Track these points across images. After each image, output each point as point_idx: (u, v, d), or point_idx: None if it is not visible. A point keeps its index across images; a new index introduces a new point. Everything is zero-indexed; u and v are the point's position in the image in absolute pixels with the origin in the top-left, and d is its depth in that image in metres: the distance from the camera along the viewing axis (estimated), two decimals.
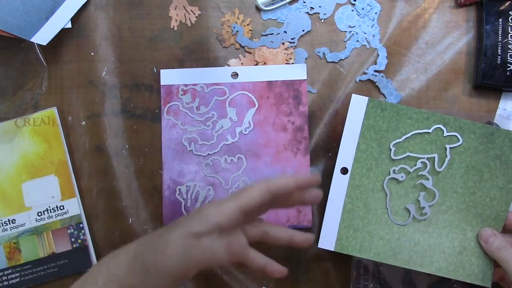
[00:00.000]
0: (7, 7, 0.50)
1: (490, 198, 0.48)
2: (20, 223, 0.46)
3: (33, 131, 0.47)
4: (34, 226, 0.47)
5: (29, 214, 0.47)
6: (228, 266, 0.48)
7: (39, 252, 0.47)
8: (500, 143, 0.48)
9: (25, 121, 0.46)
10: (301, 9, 0.54)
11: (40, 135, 0.48)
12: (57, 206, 0.47)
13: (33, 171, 0.48)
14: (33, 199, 0.47)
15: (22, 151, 0.47)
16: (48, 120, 0.47)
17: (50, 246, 0.47)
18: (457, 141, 0.48)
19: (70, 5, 0.52)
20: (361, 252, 0.49)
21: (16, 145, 0.47)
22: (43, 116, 0.47)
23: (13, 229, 0.46)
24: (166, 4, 0.54)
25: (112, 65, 0.53)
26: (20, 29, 0.50)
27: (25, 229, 0.46)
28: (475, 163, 0.48)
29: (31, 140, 0.48)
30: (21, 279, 0.46)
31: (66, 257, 0.47)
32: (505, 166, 0.48)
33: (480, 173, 0.48)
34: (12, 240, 0.46)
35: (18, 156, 0.47)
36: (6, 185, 0.47)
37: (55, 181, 0.47)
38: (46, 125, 0.47)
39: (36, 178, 0.47)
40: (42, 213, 0.47)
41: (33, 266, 0.46)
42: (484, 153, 0.48)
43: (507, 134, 0.48)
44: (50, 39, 0.51)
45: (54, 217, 0.47)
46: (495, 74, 0.51)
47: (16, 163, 0.47)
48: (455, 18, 0.54)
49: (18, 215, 0.47)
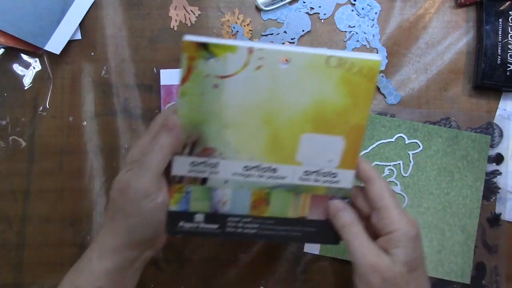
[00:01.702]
0: (18, 10, 0.49)
1: (463, 196, 0.51)
2: (281, 175, 0.39)
3: (343, 79, 0.36)
4: (295, 183, 0.39)
5: (295, 169, 0.38)
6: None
7: (288, 212, 0.40)
8: (464, 144, 0.52)
9: (339, 61, 0.35)
10: (301, 9, 0.54)
11: (349, 86, 0.36)
12: (330, 172, 0.39)
13: (321, 125, 0.37)
14: (307, 155, 0.38)
15: (319, 97, 0.36)
16: (367, 72, 0.36)
17: (304, 209, 0.40)
18: (418, 147, 0.52)
19: (79, 5, 0.52)
20: (345, 254, 0.51)
21: (316, 88, 0.36)
22: (364, 65, 0.36)
23: (270, 178, 0.38)
24: (166, 4, 0.54)
25: (112, 65, 0.53)
26: (33, 35, 0.50)
27: (284, 183, 0.39)
28: (446, 165, 0.52)
29: (335, 88, 0.36)
30: (259, 232, 0.40)
31: (315, 226, 0.40)
32: (471, 165, 0.52)
33: (451, 174, 0.52)
34: (264, 190, 0.39)
35: (312, 100, 0.37)
36: (283, 128, 0.37)
37: (341, 145, 0.38)
38: (362, 77, 0.36)
39: (321, 134, 0.37)
40: (310, 173, 0.39)
41: (276, 223, 0.40)
42: (452, 154, 0.52)
43: (469, 136, 0.51)
44: (62, 47, 0.51)
45: (321, 182, 0.39)
46: (495, 74, 0.51)
47: (306, 108, 0.37)
48: (455, 18, 0.54)
49: (282, 165, 0.38)
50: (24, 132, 0.53)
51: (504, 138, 0.53)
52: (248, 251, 0.52)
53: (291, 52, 0.34)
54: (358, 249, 0.36)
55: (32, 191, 0.53)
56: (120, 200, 0.36)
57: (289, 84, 0.35)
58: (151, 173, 0.35)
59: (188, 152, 0.36)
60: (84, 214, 0.53)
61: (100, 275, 0.37)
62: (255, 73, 0.34)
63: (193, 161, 0.37)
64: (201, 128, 0.36)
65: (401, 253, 0.35)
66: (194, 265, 0.53)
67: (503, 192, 0.52)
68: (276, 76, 0.35)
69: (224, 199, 0.38)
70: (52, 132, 0.53)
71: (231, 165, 0.37)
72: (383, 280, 0.35)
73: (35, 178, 0.53)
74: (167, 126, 0.35)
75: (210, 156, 0.37)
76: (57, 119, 0.53)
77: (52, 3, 0.51)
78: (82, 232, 0.53)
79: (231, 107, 0.35)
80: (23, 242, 0.53)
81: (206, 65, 0.34)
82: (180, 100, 0.35)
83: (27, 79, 0.53)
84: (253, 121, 0.36)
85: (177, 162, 0.36)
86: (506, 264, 0.52)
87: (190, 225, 0.38)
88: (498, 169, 0.52)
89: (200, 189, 0.37)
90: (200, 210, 0.38)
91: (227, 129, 0.36)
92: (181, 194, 0.37)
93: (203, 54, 0.33)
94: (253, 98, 0.35)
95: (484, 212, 0.52)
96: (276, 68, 0.34)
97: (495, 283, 0.51)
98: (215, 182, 0.37)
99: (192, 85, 0.35)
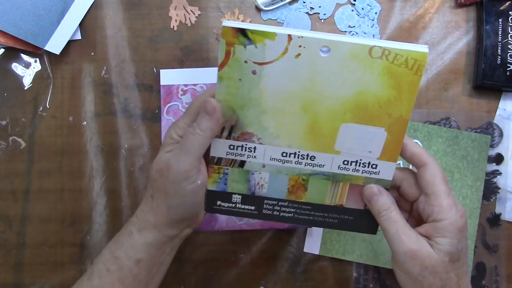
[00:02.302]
0: (18, 10, 0.49)
1: (463, 196, 0.51)
2: (318, 163, 0.39)
3: (387, 70, 0.35)
4: (333, 172, 0.39)
5: (334, 158, 0.38)
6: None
7: (325, 198, 0.40)
8: (464, 144, 0.52)
9: (383, 52, 0.34)
10: (301, 9, 0.54)
11: (393, 78, 0.35)
12: (370, 163, 0.39)
13: (363, 115, 0.37)
14: (347, 144, 0.38)
15: (361, 88, 0.36)
16: (413, 64, 0.35)
17: (341, 198, 0.40)
18: None
19: (79, 5, 0.52)
20: (345, 254, 0.51)
21: (357, 78, 0.36)
22: (410, 57, 0.35)
23: (308, 165, 0.39)
24: (166, 4, 0.54)
25: (112, 65, 0.53)
26: (33, 36, 0.50)
27: (322, 171, 0.39)
28: (446, 165, 0.52)
29: (379, 78, 0.36)
30: (295, 216, 0.40)
31: (352, 215, 0.40)
32: (471, 165, 0.51)
33: (451, 174, 0.52)
34: (302, 175, 0.39)
35: (353, 91, 0.36)
36: (324, 117, 0.37)
37: (383, 136, 0.37)
38: (407, 69, 0.35)
39: (363, 124, 0.37)
40: (349, 163, 0.39)
41: (313, 209, 0.40)
42: (452, 154, 0.52)
43: (469, 136, 0.51)
44: (62, 47, 0.51)
45: (360, 172, 0.39)
46: (495, 74, 0.51)
47: (347, 98, 0.36)
48: (455, 18, 0.54)
49: (321, 154, 0.38)
50: (24, 132, 0.53)
51: (504, 138, 0.53)
52: (248, 251, 0.52)
53: (331, 41, 0.33)
54: (395, 236, 0.35)
55: (32, 191, 0.53)
56: (160, 180, 0.36)
57: (329, 73, 0.35)
58: (192, 156, 0.35)
59: (227, 136, 0.37)
60: (84, 214, 0.53)
61: (140, 248, 0.37)
62: (295, 61, 0.34)
63: (231, 144, 0.37)
64: (240, 113, 0.36)
65: (446, 243, 0.34)
66: (194, 265, 0.53)
67: (503, 192, 0.52)
68: (316, 64, 0.34)
69: (261, 182, 0.38)
70: (52, 132, 0.53)
71: (269, 150, 0.37)
72: (422, 268, 0.34)
73: (35, 178, 0.53)
74: (207, 110, 0.35)
75: (248, 140, 0.37)
76: (57, 119, 0.53)
77: (52, 3, 0.51)
78: (82, 232, 0.53)
79: (270, 93, 0.36)
80: (23, 242, 0.53)
81: (245, 51, 0.34)
82: (218, 84, 0.35)
83: (27, 79, 0.53)
84: (292, 108, 0.36)
85: (216, 144, 0.37)
86: (506, 264, 0.52)
87: (228, 205, 0.39)
88: (498, 169, 0.52)
89: (237, 171, 0.38)
90: (237, 191, 0.39)
91: (266, 115, 0.36)
92: (219, 175, 0.38)
93: (242, 40, 0.34)
94: (293, 86, 0.35)
95: (484, 212, 0.52)
96: (316, 57, 0.34)
97: (495, 283, 0.52)
98: (253, 166, 0.38)
99: (230, 70, 0.35)
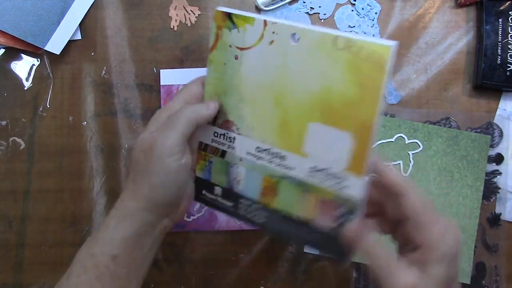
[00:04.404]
0: (18, 10, 0.50)
1: (463, 196, 0.51)
2: (289, 165, 0.36)
3: (351, 63, 0.32)
4: (302, 179, 0.35)
5: (303, 161, 0.35)
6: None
7: (295, 208, 0.37)
8: (464, 144, 0.52)
9: (347, 43, 0.31)
10: (301, 9, 0.54)
11: (357, 74, 0.32)
12: (337, 174, 0.34)
13: (328, 115, 0.33)
14: (314, 147, 0.35)
15: (325, 83, 0.33)
16: (377, 59, 0.30)
17: (311, 211, 0.36)
18: (418, 147, 0.52)
19: (79, 6, 0.52)
20: None
21: (323, 71, 0.33)
22: (373, 50, 0.30)
23: (279, 166, 0.36)
24: (166, 4, 0.54)
25: (112, 65, 0.53)
26: (34, 36, 0.50)
27: (291, 176, 0.36)
28: (445, 165, 0.52)
29: (343, 74, 0.32)
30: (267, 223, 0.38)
31: (321, 234, 0.36)
32: (471, 165, 0.52)
33: (451, 174, 0.52)
34: (274, 177, 0.37)
35: (319, 86, 0.33)
36: (292, 112, 0.35)
37: (349, 143, 0.33)
38: (371, 64, 0.31)
39: (329, 125, 0.33)
40: (317, 170, 0.35)
41: (284, 219, 0.37)
42: (452, 154, 0.52)
43: (469, 136, 0.51)
44: (62, 47, 0.52)
45: (328, 184, 0.34)
46: (495, 74, 0.51)
47: (313, 94, 0.33)
48: (455, 18, 0.54)
49: (291, 154, 0.35)
50: (24, 132, 0.53)
51: (504, 138, 0.53)
52: (248, 251, 0.52)
53: (300, 29, 0.33)
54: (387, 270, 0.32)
55: (32, 191, 0.53)
56: (143, 160, 0.37)
57: (298, 63, 0.34)
58: (178, 132, 0.36)
59: (212, 122, 0.38)
60: (84, 214, 0.53)
61: (116, 243, 0.37)
62: (269, 48, 0.35)
63: (215, 131, 0.39)
64: (223, 99, 0.37)
65: (441, 273, 0.31)
66: (194, 265, 0.53)
67: (503, 192, 0.52)
68: (287, 53, 0.34)
69: (239, 177, 0.39)
70: (52, 132, 0.53)
71: (245, 143, 0.38)
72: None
73: (35, 178, 0.53)
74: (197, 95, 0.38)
75: (229, 129, 0.38)
76: (57, 119, 0.53)
77: (52, 3, 0.51)
78: (82, 232, 0.53)
79: (248, 80, 0.36)
80: (23, 242, 0.53)
81: (230, 35, 0.36)
82: (207, 67, 0.37)
83: (27, 79, 0.53)
84: (266, 99, 0.36)
85: (202, 129, 0.39)
86: (506, 264, 0.52)
87: (211, 196, 0.40)
88: (498, 169, 0.52)
89: (219, 162, 0.39)
90: (219, 183, 0.40)
91: (243, 103, 0.37)
92: (205, 162, 0.40)
93: (228, 24, 0.35)
94: (266, 75, 0.36)
95: (484, 212, 0.52)
96: (286, 45, 0.34)
97: (495, 283, 0.52)
98: (232, 158, 0.39)
99: (218, 54, 0.36)
